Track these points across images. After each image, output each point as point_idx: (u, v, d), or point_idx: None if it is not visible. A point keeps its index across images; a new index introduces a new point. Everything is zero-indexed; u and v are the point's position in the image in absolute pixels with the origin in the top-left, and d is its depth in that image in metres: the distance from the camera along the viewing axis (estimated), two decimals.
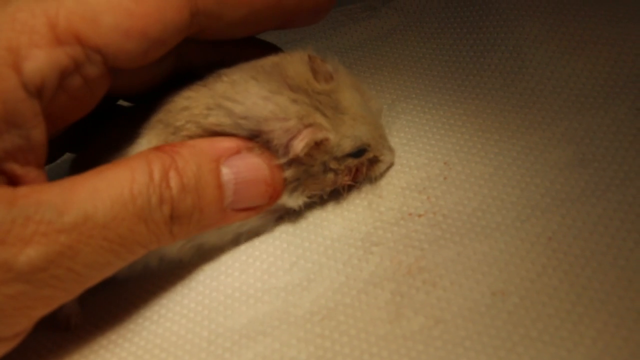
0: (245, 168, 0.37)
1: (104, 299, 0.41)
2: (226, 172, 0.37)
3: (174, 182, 0.34)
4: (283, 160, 0.38)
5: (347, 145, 0.39)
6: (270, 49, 0.44)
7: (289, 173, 0.39)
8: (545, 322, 0.32)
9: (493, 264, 0.36)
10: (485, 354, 0.32)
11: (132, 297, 0.41)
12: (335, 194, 0.43)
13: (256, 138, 0.38)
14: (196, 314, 0.38)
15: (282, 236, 0.42)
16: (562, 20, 0.48)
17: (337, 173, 0.40)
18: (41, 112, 0.33)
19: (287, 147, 0.38)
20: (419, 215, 0.40)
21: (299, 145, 0.37)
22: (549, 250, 0.36)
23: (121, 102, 0.47)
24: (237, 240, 0.42)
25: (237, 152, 0.38)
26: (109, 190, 0.32)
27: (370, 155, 0.41)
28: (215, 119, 0.38)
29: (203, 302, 0.39)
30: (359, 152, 0.40)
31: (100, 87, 0.36)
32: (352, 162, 0.40)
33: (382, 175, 0.43)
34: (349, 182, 0.41)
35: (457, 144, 0.44)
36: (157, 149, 0.36)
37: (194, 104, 0.38)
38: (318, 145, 0.38)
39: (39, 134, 0.33)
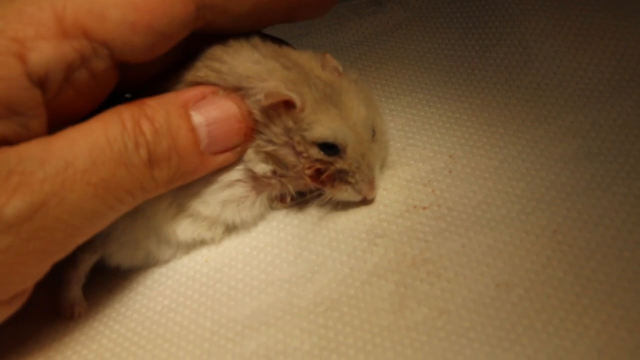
0: (213, 109, 0.37)
1: (107, 289, 0.41)
2: (195, 115, 0.37)
3: (146, 127, 0.34)
4: (256, 114, 0.38)
5: (317, 131, 0.38)
6: (279, 43, 0.44)
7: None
8: (550, 313, 0.32)
9: (498, 256, 0.36)
10: (489, 345, 0.32)
11: (135, 288, 0.41)
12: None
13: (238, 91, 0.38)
14: (199, 305, 0.39)
15: (287, 228, 0.42)
16: (568, 15, 0.48)
17: (299, 157, 0.39)
18: (43, 103, 0.33)
19: (259, 92, 0.38)
20: (424, 208, 0.40)
21: (267, 96, 0.37)
22: (554, 243, 0.35)
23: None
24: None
25: (203, 97, 0.38)
26: (85, 139, 0.32)
27: (340, 165, 0.39)
28: (203, 73, 0.39)
29: (207, 293, 0.39)
30: (329, 149, 0.38)
31: (108, 81, 0.36)
32: (317, 154, 0.38)
33: (343, 199, 0.41)
34: (309, 178, 0.39)
35: (462, 138, 0.44)
36: (125, 104, 0.36)
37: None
38: (287, 107, 0.38)
39: (38, 124, 0.33)
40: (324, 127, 0.38)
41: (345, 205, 0.41)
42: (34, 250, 0.31)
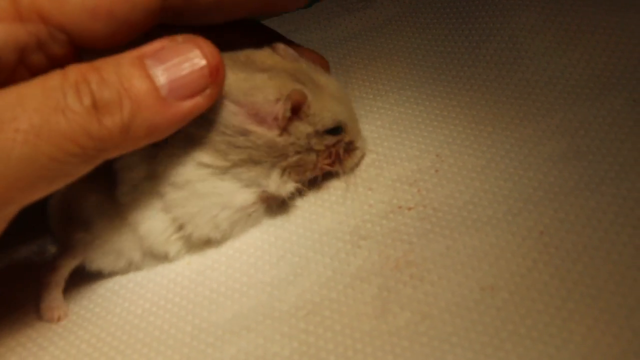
0: (171, 54, 0.34)
1: (87, 292, 0.41)
2: (151, 62, 0.33)
3: (92, 77, 0.32)
4: (273, 133, 0.37)
5: (327, 118, 0.39)
6: (251, 30, 0.43)
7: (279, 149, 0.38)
8: (535, 318, 0.31)
9: (483, 259, 0.35)
10: (472, 351, 0.31)
11: (117, 291, 0.40)
12: (324, 188, 0.42)
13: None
14: (180, 309, 0.38)
15: (270, 230, 0.41)
16: (559, 10, 0.47)
17: (319, 154, 0.40)
18: None
19: (271, 115, 0.37)
20: (409, 209, 0.39)
21: (282, 108, 0.37)
22: (541, 245, 0.35)
23: None
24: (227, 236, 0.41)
25: (162, 48, 0.34)
26: (18, 91, 0.30)
27: (347, 138, 0.40)
28: None
29: (188, 297, 0.38)
30: (337, 129, 0.40)
31: (67, 64, 0.34)
32: (331, 140, 0.39)
33: (357, 165, 0.42)
34: (328, 167, 0.40)
35: (449, 136, 0.43)
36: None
37: None
38: (300, 108, 0.37)
39: None
40: (330, 112, 0.39)
41: (330, 205, 0.41)
42: None
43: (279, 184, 0.39)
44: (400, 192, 0.40)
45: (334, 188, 0.42)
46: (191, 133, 0.37)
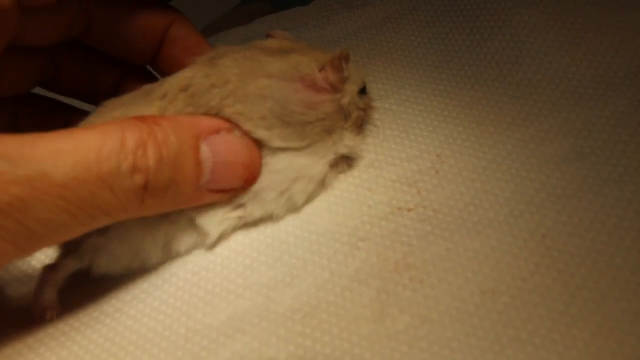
0: (224, 147, 0.36)
1: (80, 291, 0.40)
2: (205, 149, 0.36)
3: (151, 151, 0.33)
4: (337, 96, 0.40)
5: (359, 78, 0.41)
6: (165, 5, 0.44)
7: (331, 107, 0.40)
8: (537, 323, 0.31)
9: (484, 262, 0.34)
10: (472, 357, 0.30)
11: (109, 292, 0.39)
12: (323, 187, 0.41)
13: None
14: (174, 310, 0.37)
15: (267, 230, 0.40)
16: (562, 9, 0.46)
17: (363, 109, 0.42)
18: None
19: (326, 80, 0.39)
20: (409, 210, 0.38)
21: (328, 69, 0.39)
22: (543, 248, 0.34)
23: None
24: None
25: (217, 131, 0.37)
26: (73, 151, 0.31)
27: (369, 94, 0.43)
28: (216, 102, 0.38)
29: (182, 298, 0.38)
30: (364, 89, 0.42)
31: (10, 23, 0.35)
32: (367, 97, 0.43)
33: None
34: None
35: (450, 136, 0.42)
36: (138, 118, 0.34)
37: (219, 80, 0.38)
38: (345, 64, 0.39)
39: None
40: (357, 73, 0.41)
41: (328, 206, 0.40)
42: None
43: (354, 142, 0.41)
44: (400, 193, 0.40)
45: (332, 188, 0.41)
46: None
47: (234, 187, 0.38)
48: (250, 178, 0.38)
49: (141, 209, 0.34)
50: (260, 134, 0.38)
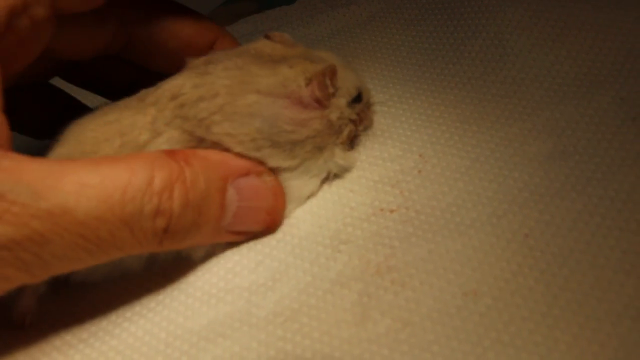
0: (250, 192, 0.36)
1: (61, 295, 0.39)
2: (232, 192, 0.35)
3: (178, 194, 0.32)
4: (326, 112, 0.38)
5: (351, 87, 0.40)
6: (213, 27, 0.44)
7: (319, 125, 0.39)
8: (519, 325, 0.30)
9: (466, 263, 0.34)
10: None
11: (90, 295, 0.39)
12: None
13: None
14: (155, 314, 0.37)
15: None
16: (545, 6, 0.46)
17: (355, 122, 0.41)
18: None
19: (312, 96, 0.38)
20: (391, 211, 0.38)
21: (314, 85, 0.37)
22: (525, 248, 0.34)
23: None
24: None
25: (247, 173, 0.36)
26: (98, 188, 0.30)
27: (366, 99, 0.42)
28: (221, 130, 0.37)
29: (164, 302, 0.37)
30: (359, 97, 0.41)
31: (45, 34, 0.35)
32: (359, 107, 0.41)
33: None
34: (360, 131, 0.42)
35: (433, 136, 0.42)
36: (168, 154, 0.34)
37: (208, 92, 0.37)
38: (331, 80, 0.38)
39: None
40: (350, 81, 0.40)
41: (310, 208, 0.40)
42: (4, 275, 0.30)
43: (345, 159, 0.40)
44: (382, 193, 0.39)
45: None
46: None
47: (253, 232, 0.38)
48: (272, 225, 0.38)
49: (157, 248, 0.34)
50: (252, 155, 0.37)
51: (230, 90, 0.37)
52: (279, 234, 0.39)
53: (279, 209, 0.38)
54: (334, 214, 0.39)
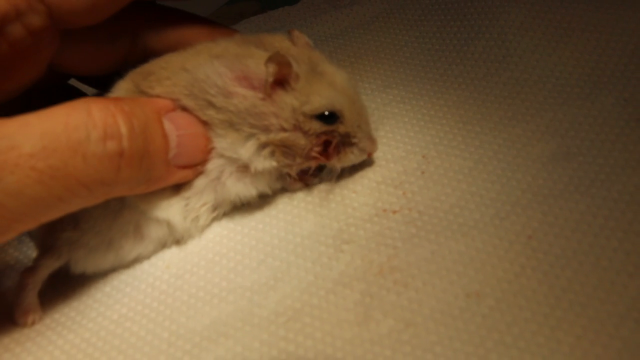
0: (183, 121, 0.37)
1: (63, 295, 0.39)
2: (168, 123, 0.36)
3: (122, 120, 0.33)
4: (255, 96, 0.37)
5: (317, 102, 0.37)
6: (228, 32, 0.43)
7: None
8: (522, 326, 0.30)
9: (469, 264, 0.34)
10: None
11: (93, 295, 0.39)
12: (307, 190, 0.41)
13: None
14: (158, 314, 0.37)
15: (252, 233, 0.40)
16: (549, 7, 0.46)
17: (308, 137, 0.38)
18: None
19: (261, 80, 0.37)
20: (394, 212, 0.38)
21: (272, 58, 0.36)
22: (529, 250, 0.34)
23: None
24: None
25: (173, 109, 0.37)
26: (41, 123, 0.30)
27: (342, 129, 0.38)
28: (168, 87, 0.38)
29: (166, 302, 0.37)
30: (330, 118, 0.38)
31: (47, 43, 0.35)
32: (320, 127, 0.38)
33: (353, 162, 0.40)
34: (318, 156, 0.39)
35: (436, 137, 0.42)
36: (99, 97, 0.34)
37: (172, 60, 0.39)
38: (285, 79, 0.37)
39: None
40: (321, 96, 0.37)
41: (313, 208, 0.40)
42: None
43: (252, 153, 0.38)
44: (385, 194, 0.39)
45: (318, 190, 0.41)
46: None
47: (197, 162, 0.38)
48: (209, 151, 0.38)
49: (118, 179, 0.33)
50: (197, 113, 0.38)
51: (192, 52, 0.39)
52: (281, 233, 0.39)
53: (207, 135, 0.38)
54: (336, 214, 0.39)
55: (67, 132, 0.31)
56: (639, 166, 0.36)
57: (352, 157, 0.40)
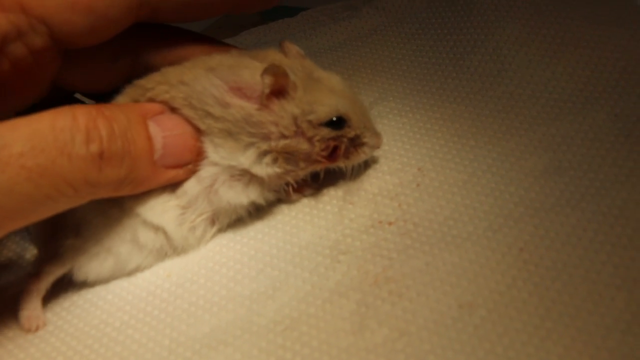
0: (170, 123, 0.38)
1: (67, 303, 0.40)
2: (153, 125, 0.37)
3: (102, 125, 0.34)
4: (251, 107, 0.38)
5: (322, 112, 0.38)
6: (225, 49, 0.43)
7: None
8: (512, 337, 0.31)
9: (462, 275, 0.35)
10: None
11: (95, 302, 0.40)
12: (305, 200, 0.42)
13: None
14: (159, 322, 0.37)
15: (250, 242, 0.41)
16: (543, 22, 0.47)
17: (313, 143, 0.39)
18: None
19: (256, 91, 0.37)
20: (389, 223, 0.39)
21: (267, 70, 0.36)
22: (520, 262, 0.34)
23: None
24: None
25: (161, 112, 0.38)
26: (29, 125, 0.32)
27: (351, 133, 0.39)
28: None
29: (167, 310, 0.38)
30: (337, 124, 0.39)
31: (49, 63, 0.36)
32: (329, 133, 0.39)
33: (364, 159, 0.41)
34: (324, 159, 0.40)
35: (432, 150, 0.43)
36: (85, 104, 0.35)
37: (169, 74, 0.39)
38: (283, 88, 0.37)
39: None
40: (324, 105, 0.38)
41: (310, 219, 0.41)
42: None
43: (253, 161, 0.39)
44: (382, 206, 0.40)
45: (315, 201, 0.42)
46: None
47: (186, 162, 0.39)
48: (200, 151, 0.39)
49: (100, 178, 0.34)
50: (196, 123, 0.39)
51: (189, 66, 0.39)
52: (279, 243, 0.40)
53: (198, 137, 0.39)
54: (333, 224, 0.40)
55: (54, 133, 0.32)
56: (627, 181, 0.37)
57: (363, 155, 0.41)
